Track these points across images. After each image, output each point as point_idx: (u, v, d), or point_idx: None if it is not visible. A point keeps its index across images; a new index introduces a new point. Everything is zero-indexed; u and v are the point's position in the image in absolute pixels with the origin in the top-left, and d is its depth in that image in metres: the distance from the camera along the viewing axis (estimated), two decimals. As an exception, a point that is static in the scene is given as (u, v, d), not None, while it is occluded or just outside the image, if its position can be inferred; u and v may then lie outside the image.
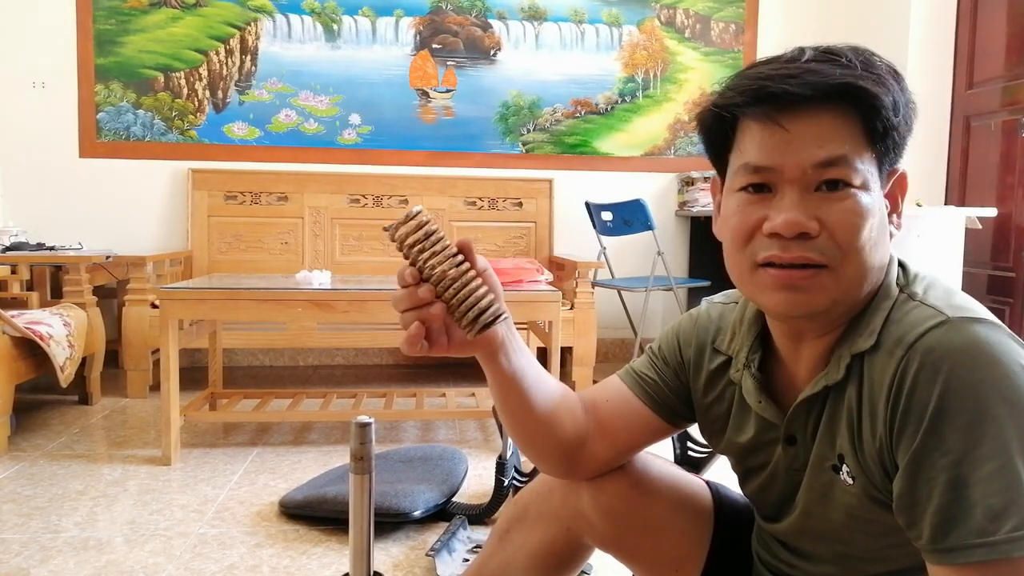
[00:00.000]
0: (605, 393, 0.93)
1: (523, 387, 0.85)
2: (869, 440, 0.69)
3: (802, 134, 0.68)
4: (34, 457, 2.27)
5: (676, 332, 0.92)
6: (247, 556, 1.63)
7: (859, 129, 0.69)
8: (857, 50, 0.71)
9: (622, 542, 0.95)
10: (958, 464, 0.61)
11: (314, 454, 2.34)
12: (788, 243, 0.69)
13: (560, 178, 3.82)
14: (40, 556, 1.61)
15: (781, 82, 0.68)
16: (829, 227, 0.68)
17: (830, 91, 0.67)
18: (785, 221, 0.68)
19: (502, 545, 1.03)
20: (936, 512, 0.62)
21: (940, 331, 0.65)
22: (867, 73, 0.68)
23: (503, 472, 1.79)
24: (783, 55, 0.72)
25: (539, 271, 2.54)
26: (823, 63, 0.68)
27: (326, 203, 3.63)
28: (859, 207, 0.68)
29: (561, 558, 0.99)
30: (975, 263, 3.18)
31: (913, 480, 0.64)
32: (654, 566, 0.96)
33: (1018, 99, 3.08)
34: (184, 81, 3.62)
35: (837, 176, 0.68)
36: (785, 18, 3.95)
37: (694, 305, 0.96)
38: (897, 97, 0.69)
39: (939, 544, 0.62)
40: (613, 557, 0.98)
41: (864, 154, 0.69)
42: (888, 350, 0.68)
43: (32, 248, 3.12)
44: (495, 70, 3.80)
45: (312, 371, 3.70)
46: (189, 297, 2.22)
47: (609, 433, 0.90)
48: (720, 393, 0.86)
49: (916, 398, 0.64)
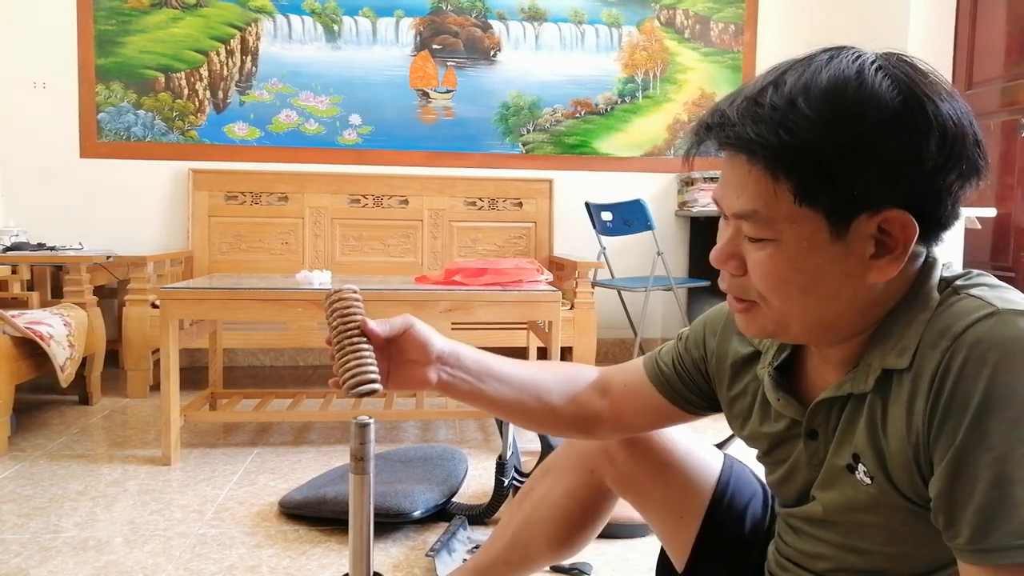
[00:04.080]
0: (624, 377, 0.97)
1: (486, 402, 0.93)
2: (901, 439, 0.67)
3: (729, 178, 0.69)
4: (34, 457, 2.27)
5: (704, 321, 0.93)
6: (247, 556, 1.63)
7: (784, 183, 0.64)
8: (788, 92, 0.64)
9: (638, 480, 1.02)
10: (1003, 461, 0.58)
11: (314, 454, 2.34)
12: (723, 274, 0.73)
13: (560, 178, 3.82)
14: (40, 556, 1.61)
15: (701, 127, 0.69)
16: (750, 271, 0.70)
17: (731, 145, 0.67)
18: (711, 256, 0.72)
19: (522, 506, 1.12)
20: (978, 511, 0.60)
21: (988, 323, 0.62)
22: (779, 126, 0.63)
23: (503, 472, 1.79)
24: (733, 94, 0.69)
25: (539, 271, 2.54)
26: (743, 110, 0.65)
27: (326, 203, 3.64)
28: (774, 260, 0.67)
29: (583, 506, 1.07)
30: (975, 263, 3.18)
31: (954, 477, 0.61)
32: (662, 509, 1.03)
33: (1018, 99, 3.08)
34: (185, 81, 3.62)
35: (749, 233, 0.68)
36: (785, 18, 3.95)
37: (694, 305, 0.98)
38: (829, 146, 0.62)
39: (978, 544, 0.60)
40: (628, 499, 1.06)
41: (786, 207, 0.65)
42: (932, 342, 0.65)
43: (32, 248, 3.12)
44: (495, 70, 3.80)
45: (312, 371, 3.71)
46: (189, 297, 2.22)
47: (624, 416, 0.96)
48: (745, 387, 0.86)
49: (960, 391, 0.61)
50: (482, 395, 0.91)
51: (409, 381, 0.87)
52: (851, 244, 0.65)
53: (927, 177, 0.64)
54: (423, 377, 0.88)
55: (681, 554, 1.02)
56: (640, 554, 1.66)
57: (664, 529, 1.05)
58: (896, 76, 0.64)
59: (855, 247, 0.65)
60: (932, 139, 0.63)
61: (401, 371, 0.87)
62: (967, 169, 0.65)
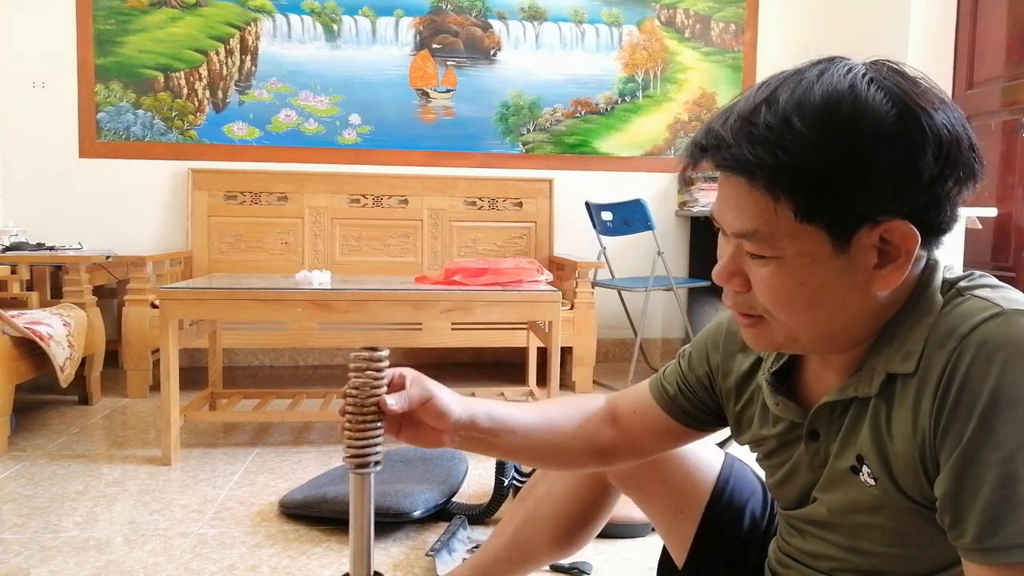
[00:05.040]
0: (632, 402, 0.96)
1: (505, 454, 0.96)
2: (907, 439, 0.67)
3: (727, 197, 0.69)
4: (34, 457, 2.27)
5: (706, 337, 0.93)
6: (247, 556, 1.63)
7: (784, 201, 0.64)
8: (782, 111, 0.63)
9: (639, 478, 1.04)
10: (1010, 460, 0.59)
11: (314, 454, 2.34)
12: (727, 291, 0.73)
13: (560, 178, 3.82)
14: (40, 556, 1.61)
15: (695, 147, 0.69)
16: (754, 288, 0.70)
17: (728, 167, 0.67)
18: (713, 274, 0.73)
19: (523, 504, 1.13)
20: (984, 510, 0.60)
21: (995, 323, 0.62)
22: (776, 146, 0.62)
23: (503, 472, 1.79)
24: (724, 109, 0.68)
25: (539, 271, 2.54)
26: (737, 130, 0.65)
27: (326, 203, 3.64)
28: (778, 276, 0.67)
29: (586, 503, 1.08)
30: (975, 263, 3.17)
31: (960, 477, 0.61)
32: (662, 504, 1.04)
33: (1018, 99, 3.08)
34: (184, 81, 3.62)
35: (751, 250, 0.68)
36: (785, 18, 3.95)
37: (694, 305, 0.98)
38: (827, 164, 0.62)
39: (984, 543, 0.60)
40: (629, 494, 1.07)
41: (787, 225, 0.65)
42: (938, 343, 0.65)
43: (32, 248, 3.12)
44: (495, 70, 3.80)
45: (312, 371, 3.70)
46: (189, 297, 2.22)
47: (636, 442, 0.95)
48: (750, 396, 0.86)
49: (967, 391, 0.61)
50: (496, 448, 0.92)
51: (422, 441, 0.87)
52: (854, 256, 0.65)
53: (925, 187, 0.64)
54: (438, 441, 0.88)
55: (681, 549, 1.03)
56: (640, 554, 1.66)
57: (665, 524, 1.06)
58: (889, 88, 0.64)
59: (858, 259, 0.66)
60: (928, 149, 0.63)
61: (415, 431, 0.86)
62: (964, 175, 0.66)
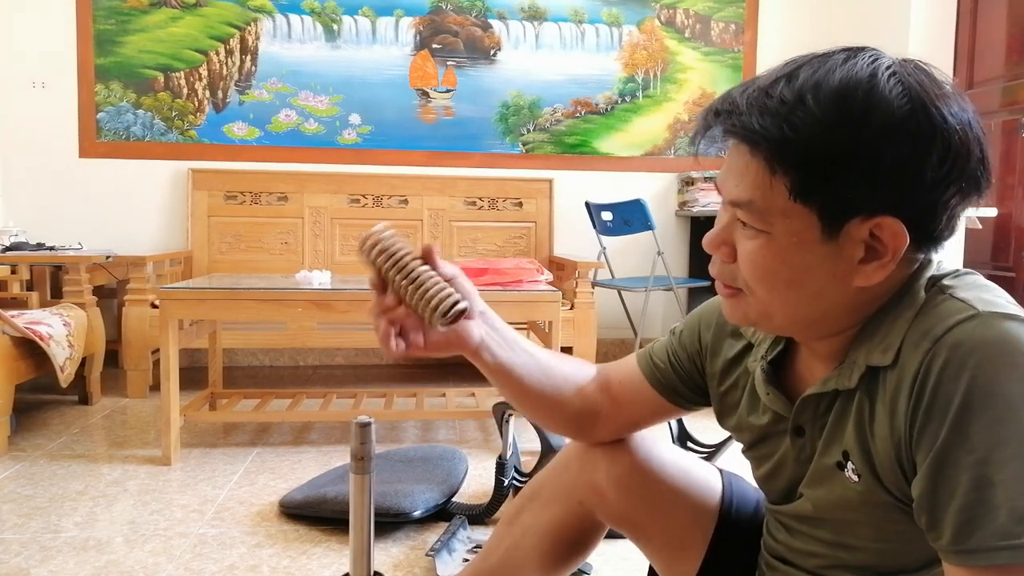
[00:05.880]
0: (620, 373, 0.96)
1: (514, 377, 0.90)
2: (885, 438, 0.67)
3: (731, 164, 0.70)
4: (34, 457, 2.27)
5: (699, 315, 0.93)
6: (247, 556, 1.63)
7: (781, 177, 0.65)
8: (799, 88, 0.64)
9: (633, 516, 0.98)
10: (983, 463, 0.59)
11: (314, 454, 2.34)
12: (714, 258, 0.74)
13: (560, 178, 3.82)
14: (40, 556, 1.61)
15: (710, 112, 0.70)
16: (739, 259, 0.71)
17: (735, 133, 0.67)
18: (704, 240, 0.74)
19: (510, 529, 1.07)
20: (958, 512, 0.60)
21: (969, 325, 0.62)
22: (784, 121, 0.63)
23: (503, 472, 1.79)
24: (747, 82, 0.69)
25: (539, 271, 2.54)
26: (753, 99, 0.66)
27: (326, 203, 3.64)
28: (764, 251, 0.68)
29: (571, 538, 1.03)
30: (975, 263, 3.17)
31: (936, 479, 0.62)
32: (662, 543, 0.99)
33: (1018, 99, 3.08)
34: (184, 81, 3.62)
35: (743, 219, 0.69)
36: (785, 18, 3.95)
37: (694, 305, 0.98)
38: (830, 147, 0.62)
39: (960, 545, 0.60)
40: (623, 533, 1.01)
41: (780, 201, 0.65)
42: (914, 343, 0.65)
43: (32, 248, 3.11)
44: (495, 70, 3.80)
45: (312, 371, 3.70)
46: (189, 297, 2.22)
47: (621, 411, 0.95)
48: (735, 380, 0.86)
49: (941, 393, 0.61)
50: (511, 366, 0.88)
51: (450, 339, 0.83)
52: (841, 246, 0.66)
53: (926, 189, 0.63)
54: (467, 333, 0.84)
55: None
56: (640, 554, 1.66)
57: (663, 561, 1.01)
58: (908, 84, 0.63)
59: (845, 249, 0.66)
60: (935, 152, 0.62)
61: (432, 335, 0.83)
62: (967, 186, 0.65)
